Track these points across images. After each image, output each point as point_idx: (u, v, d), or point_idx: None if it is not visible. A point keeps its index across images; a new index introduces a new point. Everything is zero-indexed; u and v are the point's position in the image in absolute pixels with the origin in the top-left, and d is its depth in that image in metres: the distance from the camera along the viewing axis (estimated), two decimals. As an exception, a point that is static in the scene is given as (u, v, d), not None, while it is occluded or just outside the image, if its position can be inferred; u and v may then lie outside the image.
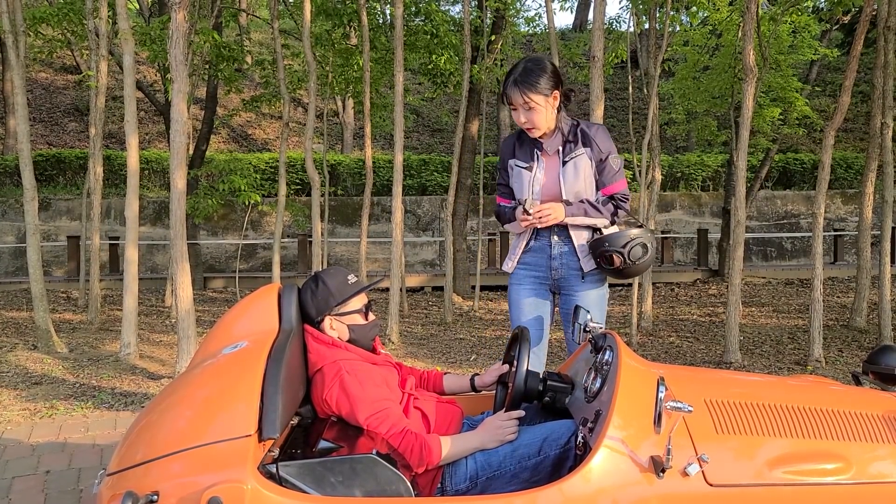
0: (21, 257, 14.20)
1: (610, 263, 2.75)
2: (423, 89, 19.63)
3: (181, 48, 5.14)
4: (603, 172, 2.82)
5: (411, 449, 1.99)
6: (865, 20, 6.34)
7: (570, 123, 2.82)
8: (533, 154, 2.83)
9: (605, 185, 2.83)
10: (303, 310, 2.27)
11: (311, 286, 2.28)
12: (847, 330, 7.85)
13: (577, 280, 2.85)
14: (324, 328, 2.25)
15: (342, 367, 2.10)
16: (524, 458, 2.04)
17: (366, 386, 2.07)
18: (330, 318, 2.26)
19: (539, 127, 2.74)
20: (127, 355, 6.08)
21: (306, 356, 2.20)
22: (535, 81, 2.65)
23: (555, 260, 2.85)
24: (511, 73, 2.70)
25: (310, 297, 2.26)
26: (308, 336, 2.22)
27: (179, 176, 5.16)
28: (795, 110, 11.75)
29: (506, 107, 3.38)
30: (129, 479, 1.71)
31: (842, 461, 1.86)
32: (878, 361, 2.31)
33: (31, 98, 18.78)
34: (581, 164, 2.77)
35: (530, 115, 2.70)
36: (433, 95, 12.18)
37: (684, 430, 1.85)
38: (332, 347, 2.19)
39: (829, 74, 20.72)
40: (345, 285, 2.28)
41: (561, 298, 2.92)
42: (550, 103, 2.70)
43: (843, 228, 15.93)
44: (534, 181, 2.80)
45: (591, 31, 6.13)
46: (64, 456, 3.75)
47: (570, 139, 2.80)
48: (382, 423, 2.02)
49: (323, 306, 2.25)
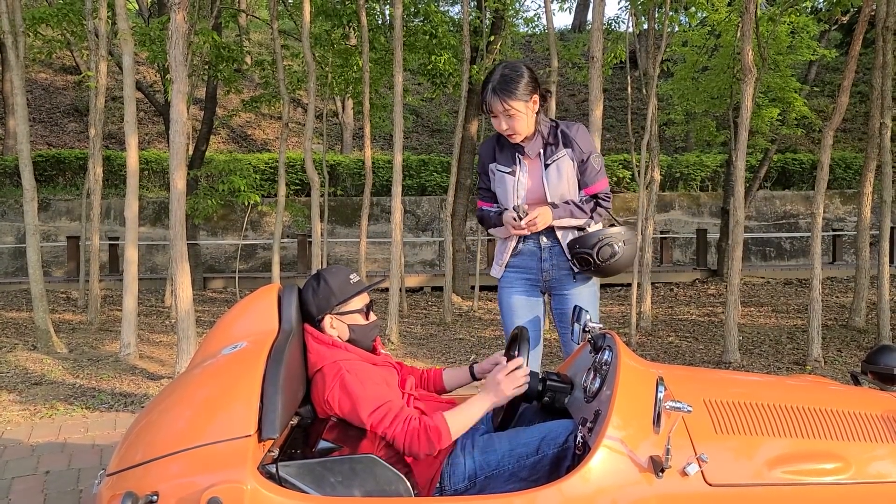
0: (21, 258, 14.20)
1: (585, 264, 2.76)
2: (422, 90, 19.65)
3: (181, 49, 5.14)
4: (585, 172, 2.80)
5: (418, 436, 1.97)
6: (864, 20, 6.35)
7: (549, 125, 2.80)
8: (514, 158, 2.81)
9: (588, 185, 2.82)
10: (303, 308, 2.26)
11: (312, 284, 2.28)
12: (846, 330, 7.86)
13: (569, 279, 2.85)
14: (324, 327, 2.25)
15: (342, 366, 2.10)
16: (522, 456, 2.03)
17: (366, 385, 2.06)
18: (331, 317, 2.25)
19: (521, 133, 2.72)
20: (127, 356, 6.08)
21: (306, 356, 2.20)
22: (514, 88, 2.62)
23: (545, 262, 2.85)
24: (489, 81, 2.66)
25: (311, 295, 2.26)
26: (308, 336, 2.22)
27: (179, 176, 5.16)
28: (794, 111, 11.76)
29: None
30: (129, 480, 1.71)
31: (841, 461, 1.86)
32: (877, 361, 2.32)
33: (30, 98, 18.78)
34: (563, 165, 2.76)
35: (511, 121, 2.67)
36: (432, 96, 12.17)
37: (683, 430, 1.86)
38: (332, 348, 2.19)
39: (827, 75, 20.74)
40: (346, 284, 2.28)
41: (553, 299, 2.92)
42: (530, 108, 2.68)
43: (842, 228, 15.95)
44: (518, 186, 2.79)
45: (590, 31, 6.13)
46: (63, 456, 3.75)
47: (550, 141, 2.78)
48: (385, 416, 2.01)
49: (324, 305, 2.24)
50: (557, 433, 2.05)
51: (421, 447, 1.97)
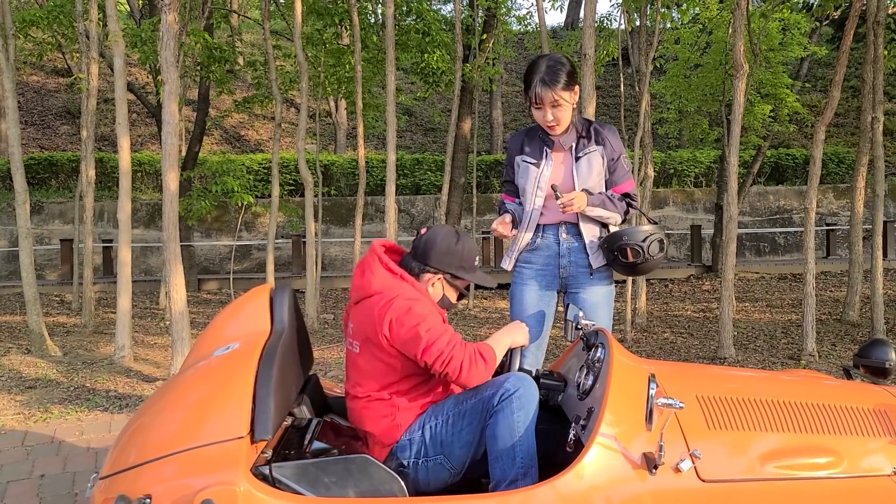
0: (14, 261, 14.14)
1: (626, 258, 2.75)
2: (415, 89, 19.61)
3: (172, 50, 5.12)
4: (615, 172, 2.85)
5: (474, 358, 2.06)
6: (855, 15, 6.36)
7: (582, 121, 2.84)
8: (542, 152, 2.84)
9: (616, 184, 2.86)
10: (418, 250, 2.27)
11: (449, 238, 2.27)
12: (840, 324, 7.89)
13: (586, 277, 2.84)
14: (424, 276, 2.26)
15: (412, 296, 2.13)
16: (461, 401, 2.12)
17: (430, 315, 2.11)
18: (439, 276, 2.27)
19: (564, 123, 2.75)
20: (121, 358, 6.06)
21: (299, 357, 2.20)
22: (562, 79, 2.66)
23: (563, 258, 2.84)
24: (534, 73, 2.68)
25: (440, 243, 2.25)
26: (375, 260, 2.21)
27: (172, 178, 5.14)
28: (786, 106, 11.78)
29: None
30: (122, 483, 1.70)
31: (833, 455, 1.87)
32: (869, 355, 2.33)
33: (22, 101, 18.69)
34: (594, 160, 2.79)
35: (557, 111, 2.70)
36: (425, 95, 12.17)
37: (676, 427, 1.86)
38: (401, 280, 2.20)
39: (819, 70, 20.80)
40: (472, 260, 2.31)
41: (568, 296, 2.90)
42: (573, 99, 2.73)
43: (836, 223, 15.98)
44: (541, 178, 2.81)
45: (583, 28, 6.14)
46: (58, 460, 3.74)
47: (583, 135, 2.82)
48: (442, 336, 2.06)
49: (445, 262, 2.26)
50: (496, 381, 2.10)
51: (477, 369, 2.05)
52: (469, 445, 2.09)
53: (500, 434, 2.01)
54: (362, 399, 2.17)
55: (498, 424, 2.01)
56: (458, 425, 2.09)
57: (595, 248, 2.82)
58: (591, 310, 2.81)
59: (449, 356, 2.04)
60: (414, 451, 2.11)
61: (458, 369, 2.05)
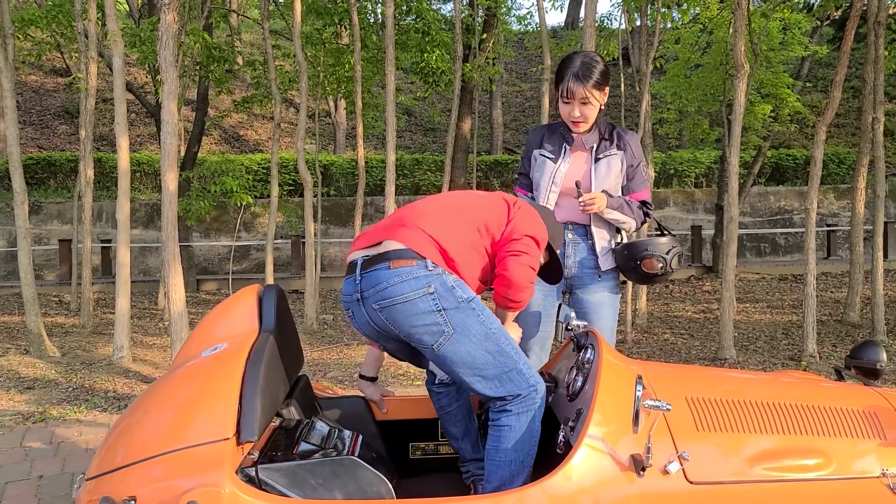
0: (12, 261, 14.15)
1: (649, 268, 2.74)
2: (414, 88, 19.61)
3: (171, 49, 5.11)
4: (633, 178, 2.85)
5: (528, 276, 2.13)
6: (856, 15, 6.34)
7: (606, 124, 2.85)
8: (561, 148, 2.83)
9: (634, 191, 2.86)
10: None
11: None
12: (841, 325, 7.87)
13: (594, 278, 2.83)
14: None
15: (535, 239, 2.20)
16: (493, 335, 2.07)
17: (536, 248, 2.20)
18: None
19: (590, 121, 2.75)
20: (120, 358, 6.06)
21: (288, 357, 2.19)
22: (595, 76, 2.66)
23: (569, 258, 2.83)
24: (568, 68, 2.67)
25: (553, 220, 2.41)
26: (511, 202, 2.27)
27: (171, 178, 5.14)
28: (787, 106, 11.76)
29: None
30: (107, 484, 1.70)
31: (822, 457, 1.86)
32: (860, 356, 2.32)
33: (20, 101, 18.71)
34: (613, 164, 2.79)
35: (585, 109, 2.70)
36: (425, 94, 12.16)
37: (665, 429, 1.85)
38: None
39: (820, 70, 20.76)
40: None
41: (573, 297, 2.89)
42: (603, 99, 2.73)
43: (836, 224, 15.96)
44: (556, 174, 2.80)
45: (583, 28, 6.13)
46: (57, 460, 3.73)
47: (605, 137, 2.82)
48: (530, 248, 2.14)
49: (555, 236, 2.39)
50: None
51: (525, 278, 2.11)
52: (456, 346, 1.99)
53: (513, 436, 2.02)
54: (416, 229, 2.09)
55: (513, 426, 2.02)
56: (473, 336, 1.99)
57: (606, 251, 2.81)
58: (595, 311, 2.81)
59: (524, 254, 2.12)
60: (421, 285, 1.98)
61: (520, 263, 2.10)
